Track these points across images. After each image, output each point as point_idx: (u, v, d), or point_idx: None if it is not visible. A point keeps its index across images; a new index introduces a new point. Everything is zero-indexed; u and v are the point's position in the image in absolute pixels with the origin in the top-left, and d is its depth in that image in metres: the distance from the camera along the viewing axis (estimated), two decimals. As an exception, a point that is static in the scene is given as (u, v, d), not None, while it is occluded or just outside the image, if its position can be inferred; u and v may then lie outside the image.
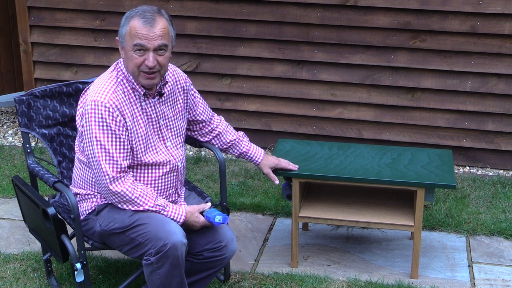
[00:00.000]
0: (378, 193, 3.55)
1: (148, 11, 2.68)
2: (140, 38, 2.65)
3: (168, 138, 2.89)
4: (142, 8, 2.70)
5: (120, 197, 2.71)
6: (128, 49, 2.69)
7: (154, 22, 2.66)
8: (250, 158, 3.25)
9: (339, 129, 4.79)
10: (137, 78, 2.73)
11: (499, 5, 4.29)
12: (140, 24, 2.65)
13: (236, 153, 3.24)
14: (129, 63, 2.71)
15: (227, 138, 3.19)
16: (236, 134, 3.23)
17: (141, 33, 2.65)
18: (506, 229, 3.78)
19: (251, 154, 3.24)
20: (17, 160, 4.71)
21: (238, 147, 3.22)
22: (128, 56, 2.69)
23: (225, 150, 3.23)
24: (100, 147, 2.68)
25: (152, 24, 2.65)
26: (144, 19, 2.65)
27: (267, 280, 3.31)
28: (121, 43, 2.73)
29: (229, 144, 3.20)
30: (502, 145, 4.61)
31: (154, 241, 2.66)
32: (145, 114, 2.79)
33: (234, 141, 3.21)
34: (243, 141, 3.24)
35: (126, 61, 2.73)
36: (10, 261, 3.46)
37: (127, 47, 2.69)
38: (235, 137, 3.21)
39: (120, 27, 2.71)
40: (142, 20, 2.65)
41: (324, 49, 4.64)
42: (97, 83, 2.75)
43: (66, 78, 5.08)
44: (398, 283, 3.29)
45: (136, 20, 2.66)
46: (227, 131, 3.20)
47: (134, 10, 2.71)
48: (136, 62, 2.69)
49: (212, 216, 2.80)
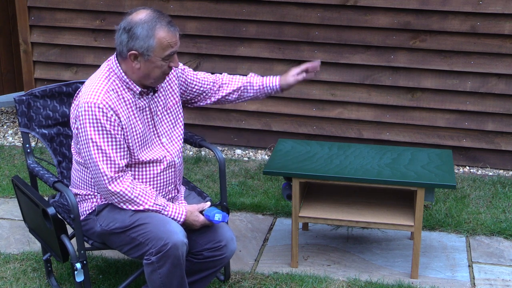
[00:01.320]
0: (378, 193, 3.55)
1: (162, 16, 2.67)
2: (172, 46, 2.67)
3: (163, 134, 2.88)
4: (156, 16, 2.65)
5: (120, 197, 2.71)
6: (156, 60, 2.66)
7: (175, 25, 2.69)
8: (270, 88, 3.09)
9: (339, 129, 4.79)
10: (156, 82, 2.73)
11: (499, 5, 4.29)
12: (169, 34, 2.65)
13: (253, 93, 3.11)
14: (155, 72, 2.69)
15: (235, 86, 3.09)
16: (243, 78, 3.12)
17: (173, 41, 2.67)
18: (506, 229, 3.78)
19: (268, 83, 3.08)
20: (17, 160, 4.72)
21: (252, 87, 3.10)
22: (157, 65, 2.67)
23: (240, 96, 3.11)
24: (97, 148, 2.67)
25: (175, 28, 2.68)
26: (169, 26, 2.66)
27: (267, 280, 3.31)
28: (144, 56, 2.66)
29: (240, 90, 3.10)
30: (502, 145, 4.61)
31: (155, 240, 2.66)
32: (139, 111, 2.79)
33: (245, 84, 3.10)
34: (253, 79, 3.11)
35: (149, 70, 2.69)
36: (10, 261, 3.46)
37: (156, 58, 2.66)
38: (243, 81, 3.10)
39: (139, 40, 2.63)
40: (168, 29, 2.65)
41: (324, 49, 4.64)
42: (88, 85, 2.73)
43: (66, 78, 5.08)
44: (398, 283, 3.29)
45: (162, 30, 2.64)
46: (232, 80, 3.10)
47: (148, 20, 2.64)
48: (164, 69, 2.70)
49: (211, 215, 2.80)
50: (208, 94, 3.09)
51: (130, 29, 2.65)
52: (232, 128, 4.97)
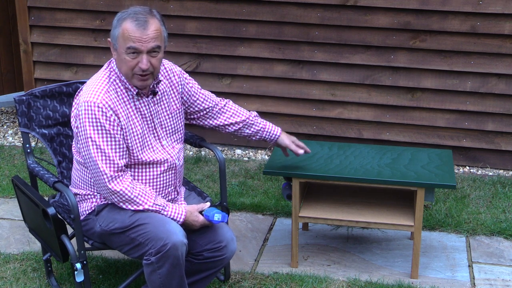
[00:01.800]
0: (378, 193, 3.55)
1: (140, 13, 2.65)
2: (133, 41, 2.64)
3: (163, 137, 2.88)
4: (134, 10, 2.67)
5: (120, 196, 2.71)
6: (121, 52, 2.67)
7: (147, 24, 2.64)
8: (269, 133, 3.14)
9: (339, 129, 4.79)
10: (130, 79, 2.72)
11: (499, 5, 4.29)
12: (133, 27, 2.63)
13: (252, 132, 3.13)
14: (122, 66, 2.70)
15: (238, 118, 3.10)
16: (248, 113, 3.14)
17: (135, 36, 2.63)
18: (506, 229, 3.78)
19: (268, 129, 3.14)
20: (17, 160, 4.72)
21: (252, 126, 3.13)
22: (121, 58, 2.68)
23: (239, 130, 3.13)
24: (96, 147, 2.67)
25: (145, 26, 2.63)
26: (137, 21, 2.63)
27: (267, 280, 3.31)
28: (113, 45, 2.71)
29: (241, 124, 3.11)
30: (502, 145, 4.61)
31: (155, 241, 2.66)
32: (139, 113, 2.79)
33: (247, 120, 3.12)
34: (257, 120, 3.14)
35: (119, 63, 2.72)
36: (10, 261, 3.46)
37: (120, 50, 2.67)
38: (247, 116, 3.12)
39: (112, 28, 2.70)
40: (135, 23, 2.63)
41: (324, 49, 4.64)
42: (89, 84, 2.74)
43: (66, 78, 5.08)
44: (398, 283, 3.29)
45: (129, 22, 2.64)
46: (236, 112, 3.12)
47: (126, 11, 2.68)
48: (129, 65, 2.67)
49: (211, 215, 2.79)
50: (209, 114, 3.09)
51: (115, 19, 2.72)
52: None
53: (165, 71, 2.92)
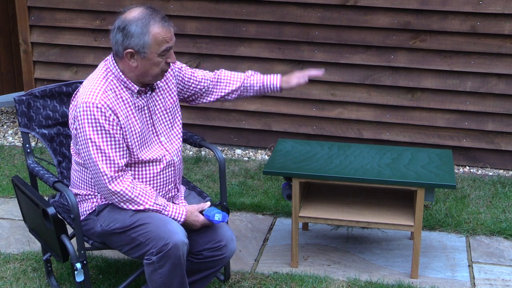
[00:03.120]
0: (378, 193, 3.55)
1: (155, 12, 2.66)
2: (167, 41, 2.66)
3: (161, 133, 2.88)
4: (148, 12, 2.65)
5: (120, 196, 2.71)
6: (153, 56, 2.66)
7: (169, 21, 2.68)
8: (270, 88, 3.12)
9: (339, 129, 4.79)
10: (156, 78, 2.72)
11: (499, 5, 4.29)
12: (163, 29, 2.64)
13: (254, 93, 3.12)
14: (153, 69, 2.69)
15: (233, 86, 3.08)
16: (242, 77, 3.11)
17: (168, 36, 2.66)
18: (506, 229, 3.78)
19: (267, 85, 3.10)
20: (17, 160, 4.72)
21: (251, 88, 3.11)
22: (154, 62, 2.67)
23: (241, 95, 3.12)
24: (96, 148, 2.67)
25: (169, 23, 2.68)
26: (163, 22, 2.65)
27: (267, 280, 3.31)
28: (140, 54, 2.65)
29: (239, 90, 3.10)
30: (502, 145, 4.61)
31: (156, 240, 2.66)
32: (138, 110, 2.79)
33: (243, 84, 3.10)
34: (253, 79, 3.11)
35: (147, 68, 2.68)
36: (10, 261, 3.46)
37: (152, 55, 2.65)
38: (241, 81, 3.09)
39: (134, 37, 2.63)
40: (162, 24, 2.64)
41: (324, 49, 4.64)
42: (86, 85, 2.73)
43: (66, 78, 5.08)
44: (398, 283, 3.29)
45: (156, 26, 2.63)
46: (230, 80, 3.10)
47: (142, 17, 2.63)
48: (162, 66, 2.70)
49: (211, 215, 2.80)
50: (206, 92, 3.09)
51: (124, 28, 2.65)
52: (232, 128, 4.97)
53: None
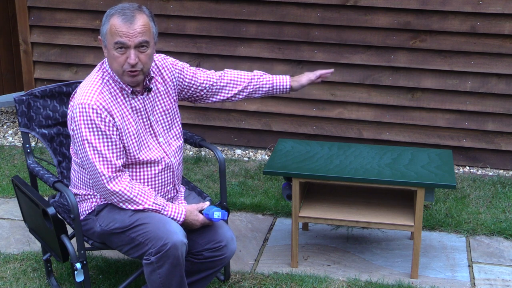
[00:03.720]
0: (378, 193, 3.55)
1: (127, 8, 2.66)
2: (120, 36, 2.63)
3: (160, 134, 2.88)
4: (122, 6, 2.67)
5: (119, 196, 2.71)
6: (110, 48, 2.67)
7: (134, 19, 2.64)
8: (279, 89, 3.09)
9: (339, 129, 4.79)
10: (121, 76, 2.72)
11: (499, 5, 4.29)
12: (119, 22, 2.63)
13: (263, 94, 3.10)
14: (112, 62, 2.70)
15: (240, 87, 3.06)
16: (249, 78, 3.08)
17: (121, 30, 2.63)
18: (506, 229, 3.78)
19: (277, 86, 3.08)
20: (17, 160, 4.71)
21: (260, 89, 3.09)
22: (111, 55, 2.68)
23: (249, 96, 3.10)
24: (92, 149, 2.67)
25: (132, 21, 2.63)
26: (124, 16, 2.63)
27: (267, 280, 3.31)
28: (103, 42, 2.71)
29: (246, 91, 3.08)
30: (502, 145, 4.61)
31: (155, 240, 2.66)
32: (135, 111, 2.79)
33: (250, 85, 3.07)
34: (262, 80, 3.09)
35: (109, 60, 2.72)
36: (10, 261, 3.46)
37: (109, 46, 2.68)
38: (248, 82, 3.07)
39: (102, 25, 2.70)
40: (121, 18, 2.63)
41: (324, 49, 4.64)
42: (83, 86, 2.75)
43: (66, 78, 5.08)
44: (398, 283, 3.29)
45: (116, 17, 2.64)
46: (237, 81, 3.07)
47: (114, 7, 2.69)
48: (119, 61, 2.67)
49: (210, 213, 2.80)
50: (211, 92, 3.06)
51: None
52: (232, 128, 4.97)
53: (156, 67, 2.90)
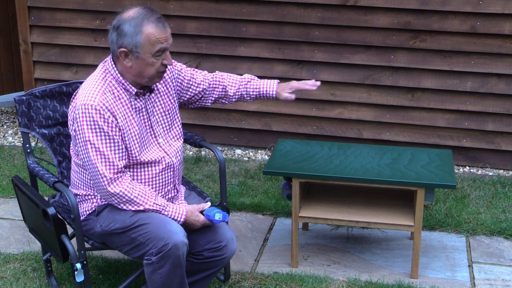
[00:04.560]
0: (378, 193, 3.55)
1: (151, 13, 2.66)
2: (161, 42, 2.65)
3: (160, 134, 2.88)
4: (144, 12, 2.66)
5: (120, 197, 2.71)
6: (147, 57, 2.66)
7: (165, 22, 2.68)
8: (265, 96, 3.10)
9: (339, 129, 4.79)
10: (152, 80, 2.72)
11: (499, 5, 4.29)
12: (157, 29, 2.64)
13: (250, 100, 3.13)
14: (148, 70, 2.68)
15: (230, 91, 3.09)
16: (238, 82, 3.10)
17: (162, 37, 2.65)
18: (506, 229, 3.78)
19: (263, 93, 3.09)
20: (17, 160, 4.72)
21: (247, 95, 3.11)
22: (147, 62, 2.67)
23: (239, 100, 3.13)
24: (95, 149, 2.67)
25: (164, 24, 2.67)
26: (157, 22, 2.65)
27: (267, 280, 3.31)
28: (133, 53, 2.66)
29: (236, 97, 3.11)
30: (502, 145, 4.61)
31: (155, 241, 2.66)
32: (136, 112, 2.79)
33: (238, 91, 3.10)
34: (251, 85, 3.11)
35: (141, 68, 2.68)
36: (10, 261, 3.46)
37: (146, 55, 2.65)
38: (237, 86, 3.09)
39: (127, 37, 2.64)
40: (155, 24, 2.64)
41: (324, 49, 4.64)
42: (85, 86, 2.73)
43: (66, 78, 5.08)
44: (398, 283, 3.29)
45: (150, 26, 2.63)
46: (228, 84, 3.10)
47: (136, 14, 2.65)
48: (157, 67, 2.69)
49: (212, 214, 2.80)
50: (205, 95, 3.08)
51: (118, 27, 2.66)
52: (232, 128, 4.98)
53: None
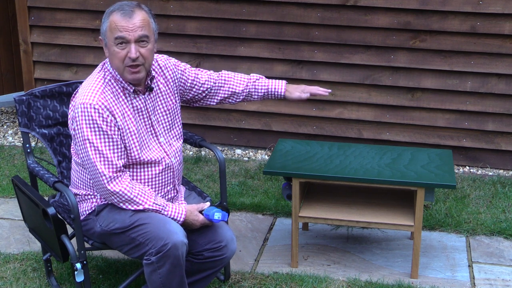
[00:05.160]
0: (378, 193, 3.55)
1: (126, 5, 2.69)
2: (120, 30, 2.65)
3: (160, 134, 2.88)
4: (121, 3, 2.71)
5: (119, 196, 2.71)
6: (110, 45, 2.69)
7: (133, 14, 2.67)
8: (273, 95, 3.13)
9: (339, 129, 4.79)
10: (122, 74, 2.72)
11: (499, 5, 4.29)
12: (119, 17, 2.65)
13: (257, 98, 3.14)
14: (113, 59, 2.70)
15: (237, 89, 3.10)
16: (245, 81, 3.12)
17: (121, 25, 2.65)
18: (506, 229, 3.78)
19: (271, 91, 3.12)
20: (17, 160, 4.72)
21: (255, 92, 3.12)
22: (111, 51, 2.69)
23: (245, 99, 3.14)
24: (94, 149, 2.68)
25: (131, 15, 2.66)
26: (123, 11, 2.66)
27: (267, 280, 3.31)
28: (104, 41, 2.73)
29: (244, 94, 3.11)
30: (502, 145, 4.61)
31: (155, 241, 2.66)
32: (136, 111, 2.79)
33: (246, 88, 3.11)
34: (258, 84, 3.12)
35: (110, 58, 2.72)
36: (10, 261, 3.46)
37: (109, 43, 2.69)
38: (245, 85, 3.10)
39: (101, 24, 2.72)
40: (120, 13, 2.66)
41: (324, 49, 4.64)
42: (85, 85, 2.75)
43: (66, 78, 5.08)
44: (398, 283, 3.29)
45: (115, 14, 2.67)
46: (234, 83, 3.10)
47: (113, 6, 2.71)
48: (119, 57, 2.68)
49: (211, 214, 2.80)
50: (210, 94, 3.08)
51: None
52: (232, 128, 4.98)
53: (158, 67, 2.91)
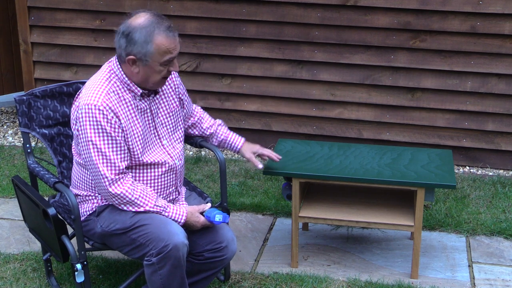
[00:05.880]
0: (378, 193, 3.55)
1: (163, 22, 2.66)
2: (171, 52, 2.67)
3: (164, 136, 2.89)
4: (155, 21, 2.65)
5: (121, 198, 2.71)
6: (155, 65, 2.67)
7: (174, 31, 2.68)
8: (230, 145, 3.22)
9: (339, 129, 4.80)
10: (154, 85, 2.74)
11: (499, 5, 4.29)
12: (167, 40, 2.65)
13: (215, 142, 3.23)
14: (153, 76, 2.70)
15: (203, 125, 3.20)
16: (213, 122, 3.23)
17: (172, 47, 2.67)
18: (506, 229, 3.78)
19: (230, 140, 3.22)
20: (17, 160, 4.72)
21: (216, 136, 3.22)
22: (155, 70, 2.68)
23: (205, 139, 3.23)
24: (97, 150, 2.67)
25: (174, 33, 2.68)
26: (168, 32, 2.65)
27: (267, 280, 3.31)
28: (142, 61, 2.67)
29: (209, 132, 3.21)
30: (502, 145, 4.61)
31: (156, 242, 2.66)
32: (140, 113, 2.79)
33: (212, 127, 3.21)
34: (221, 129, 3.23)
35: (147, 74, 2.69)
36: (10, 261, 3.46)
37: (154, 63, 2.67)
38: (211, 124, 3.21)
39: (137, 45, 2.64)
40: (166, 34, 2.65)
41: (324, 49, 4.64)
42: (89, 86, 2.73)
43: (66, 78, 5.08)
44: (398, 283, 3.29)
45: (160, 35, 2.64)
46: (204, 120, 3.21)
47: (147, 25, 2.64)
48: (163, 74, 2.71)
49: (212, 215, 2.80)
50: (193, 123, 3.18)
51: (128, 34, 2.65)
52: (232, 128, 4.90)
53: None
